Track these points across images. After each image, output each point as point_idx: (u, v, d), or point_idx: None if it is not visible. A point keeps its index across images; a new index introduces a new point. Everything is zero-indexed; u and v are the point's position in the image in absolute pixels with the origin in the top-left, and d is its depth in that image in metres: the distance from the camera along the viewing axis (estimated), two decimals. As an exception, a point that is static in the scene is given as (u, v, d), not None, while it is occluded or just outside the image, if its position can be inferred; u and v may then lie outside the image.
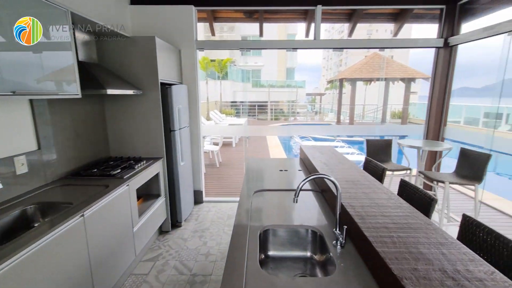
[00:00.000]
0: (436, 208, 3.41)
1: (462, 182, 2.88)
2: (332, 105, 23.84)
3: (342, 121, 15.50)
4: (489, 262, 1.20)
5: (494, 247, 1.22)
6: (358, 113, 18.59)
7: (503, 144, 3.49)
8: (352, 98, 12.58)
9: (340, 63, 54.84)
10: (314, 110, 25.55)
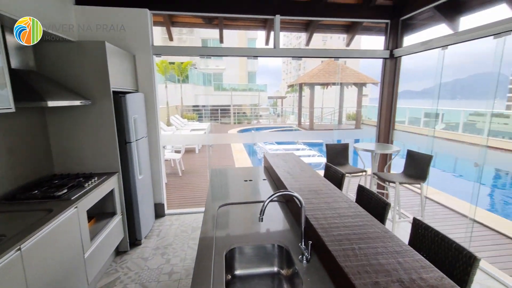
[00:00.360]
0: (395, 207, 3.70)
1: (410, 182, 3.16)
2: (293, 108, 24.69)
3: (303, 123, 16.11)
4: (438, 262, 1.32)
5: (441, 248, 1.34)
6: (317, 116, 19.49)
7: (441, 144, 3.93)
8: (311, 101, 13.15)
9: (299, 67, 57.11)
10: (276, 113, 26.19)
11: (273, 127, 16.66)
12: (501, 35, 2.41)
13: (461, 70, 71.11)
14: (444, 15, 3.35)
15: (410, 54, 3.66)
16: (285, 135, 5.78)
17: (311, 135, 6.94)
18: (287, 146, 9.08)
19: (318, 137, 4.66)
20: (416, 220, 1.53)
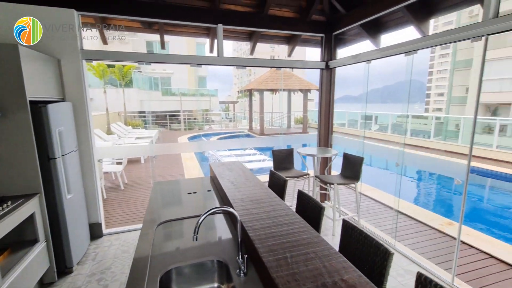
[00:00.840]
0: (330, 204, 3.98)
1: (346, 182, 3.47)
2: (245, 113, 25.03)
3: (254, 128, 16.42)
4: (364, 259, 1.47)
5: (365, 245, 1.50)
6: (267, 120, 20.06)
7: (372, 148, 4.42)
8: (260, 107, 13.50)
9: (250, 73, 58.28)
10: (228, 118, 26.18)
11: (225, 133, 16.59)
12: (410, 53, 2.83)
13: (390, 78, 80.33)
14: (368, 33, 3.78)
15: (343, 66, 4.04)
16: (232, 142, 5.79)
17: (260, 141, 7.08)
18: (239, 151, 9.13)
19: (267, 143, 4.79)
20: (344, 221, 1.68)
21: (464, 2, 2.64)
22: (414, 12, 3.05)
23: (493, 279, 2.59)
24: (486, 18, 2.10)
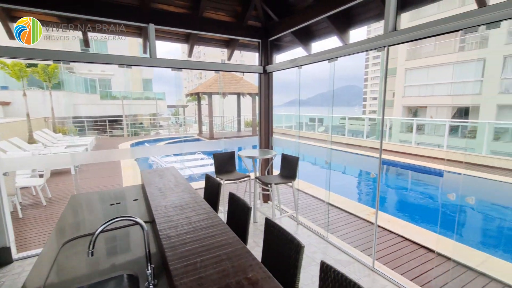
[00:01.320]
0: (271, 204, 4.09)
1: (283, 181, 3.61)
2: (196, 117, 24.39)
3: (204, 132, 16.12)
4: (281, 253, 1.52)
5: (282, 240, 1.56)
6: (218, 124, 19.90)
7: (306, 147, 4.70)
8: (209, 110, 13.32)
9: (200, 76, 57.23)
10: (178, 122, 25.19)
11: (173, 138, 15.91)
12: (332, 60, 3.10)
13: (332, 82, 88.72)
14: (300, 40, 4.03)
15: (279, 70, 4.23)
16: (169, 148, 5.55)
17: (199, 146, 6.96)
18: (186, 156, 8.83)
19: (209, 147, 4.72)
20: (266, 220, 1.73)
21: (373, 17, 2.99)
22: (336, 24, 3.35)
23: (406, 259, 2.96)
24: (386, 31, 2.41)
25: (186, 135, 17.92)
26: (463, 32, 7.73)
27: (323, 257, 2.99)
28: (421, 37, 2.18)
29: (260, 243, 3.28)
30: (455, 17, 1.92)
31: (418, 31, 2.16)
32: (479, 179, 1.94)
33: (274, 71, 4.31)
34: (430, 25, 2.08)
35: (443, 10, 14.60)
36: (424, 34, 2.15)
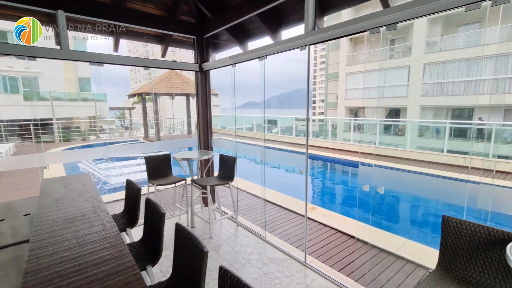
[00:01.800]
0: (212, 207, 3.94)
1: (221, 183, 3.49)
2: (149, 119, 22.82)
3: (152, 135, 15.15)
4: (188, 257, 1.37)
5: (189, 246, 1.42)
6: (167, 126, 18.95)
7: (243, 147, 4.67)
8: (155, 112, 12.55)
9: (149, 76, 53.97)
10: (124, 126, 23.27)
11: (115, 142, 14.61)
12: (262, 58, 3.09)
13: (286, 86, 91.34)
14: (236, 38, 3.97)
15: (216, 68, 4.10)
16: (91, 152, 5.00)
17: (140, 148, 6.47)
18: (125, 162, 8.11)
19: (135, 151, 4.35)
20: (176, 225, 1.57)
21: (300, 19, 3.06)
22: (268, 24, 3.37)
23: (336, 250, 3.09)
24: (307, 31, 2.47)
25: (131, 139, 16.63)
26: (391, 41, 8.62)
27: (259, 257, 2.94)
28: (337, 36, 2.27)
29: (194, 250, 3.09)
30: (364, 17, 2.04)
31: (334, 30, 2.25)
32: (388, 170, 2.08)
33: (210, 69, 4.16)
34: (344, 24, 2.18)
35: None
36: (339, 34, 2.24)
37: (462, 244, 1.53)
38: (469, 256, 1.50)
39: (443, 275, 1.54)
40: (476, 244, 1.48)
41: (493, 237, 1.43)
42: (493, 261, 1.41)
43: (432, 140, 13.63)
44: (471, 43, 14.26)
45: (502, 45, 12.56)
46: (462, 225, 1.54)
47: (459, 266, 1.52)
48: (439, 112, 15.54)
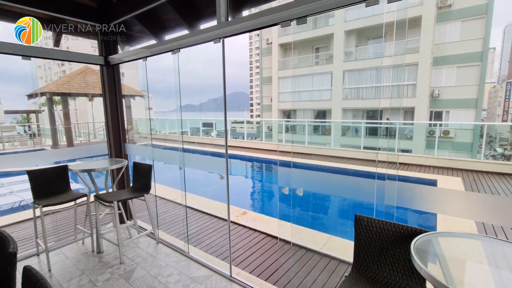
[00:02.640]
0: (127, 224, 3.35)
1: (133, 196, 2.97)
2: (58, 124, 19.38)
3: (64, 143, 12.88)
4: None
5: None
6: (86, 132, 16.53)
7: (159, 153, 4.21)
8: (66, 114, 10.68)
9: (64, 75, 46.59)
10: (29, 132, 19.25)
11: (11, 153, 11.87)
12: (175, 51, 2.74)
13: (226, 88, 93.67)
14: (152, 32, 3.51)
15: (125, 62, 3.53)
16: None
17: (34, 158, 5.26)
18: (16, 177, 6.56)
19: (19, 163, 3.45)
20: (25, 269, 1.11)
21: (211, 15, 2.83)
22: (183, 16, 3.04)
23: (264, 257, 2.93)
24: (219, 22, 2.24)
25: (35, 148, 13.81)
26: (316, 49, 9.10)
27: (178, 278, 2.56)
28: (251, 28, 2.10)
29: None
30: (275, 9, 1.91)
31: (247, 22, 2.07)
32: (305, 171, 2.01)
33: (119, 63, 3.57)
34: (255, 16, 2.01)
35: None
36: (253, 26, 2.08)
37: (373, 243, 1.50)
38: (380, 255, 1.47)
39: (358, 278, 1.47)
40: (385, 241, 1.46)
41: (400, 233, 1.42)
42: (401, 258, 1.41)
43: (352, 138, 15.29)
44: (378, 54, 16.60)
45: (399, 57, 14.98)
46: (373, 223, 1.51)
47: (371, 266, 1.49)
48: (357, 113, 17.61)
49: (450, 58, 14.08)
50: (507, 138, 22.88)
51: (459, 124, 13.80)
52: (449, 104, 14.48)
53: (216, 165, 2.64)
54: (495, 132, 23.53)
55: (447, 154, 11.65)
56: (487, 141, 15.40)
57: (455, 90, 14.13)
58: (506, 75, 73.46)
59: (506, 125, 22.16)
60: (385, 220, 1.48)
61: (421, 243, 1.22)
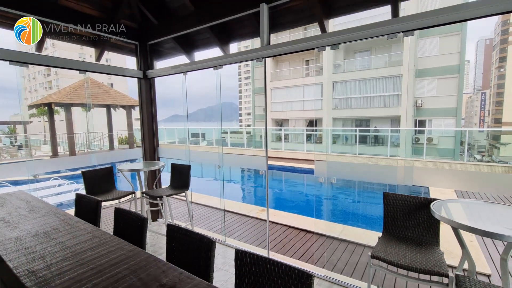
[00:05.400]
0: (163, 221, 3.73)
1: (176, 192, 3.38)
2: (45, 135, 19.13)
3: (62, 153, 12.90)
4: (190, 253, 1.40)
5: (190, 243, 1.44)
6: (81, 143, 16.50)
7: (197, 154, 4.65)
8: (69, 125, 10.82)
9: (50, 85, 45.80)
10: (16, 144, 18.87)
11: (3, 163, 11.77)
12: (217, 67, 3.25)
13: (214, 99, 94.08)
14: (183, 48, 3.99)
15: (161, 76, 3.99)
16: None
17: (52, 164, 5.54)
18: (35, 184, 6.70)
19: (65, 165, 3.81)
20: (168, 225, 1.56)
21: (248, 34, 3.39)
22: (218, 35, 3.55)
23: (292, 243, 3.40)
24: (263, 45, 2.78)
25: (29, 159, 13.66)
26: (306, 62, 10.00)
27: (223, 260, 2.98)
28: (290, 51, 2.65)
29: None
30: (311, 38, 2.47)
31: (287, 46, 2.62)
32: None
33: (156, 77, 4.03)
34: (294, 42, 2.57)
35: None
36: (291, 49, 2.63)
37: (398, 211, 2.03)
38: (404, 220, 2.00)
39: (388, 237, 1.99)
40: (408, 210, 1.99)
41: (419, 203, 1.96)
42: (420, 220, 1.94)
43: (343, 146, 16.10)
44: (365, 67, 17.73)
45: (384, 70, 16.12)
46: (398, 198, 2.04)
47: (398, 228, 2.01)
48: (346, 122, 18.53)
49: (431, 71, 15.32)
50: (484, 145, 24.46)
51: (441, 131, 14.91)
52: (432, 113, 15.62)
53: (254, 163, 3.11)
54: (473, 139, 25.09)
55: (432, 159, 12.57)
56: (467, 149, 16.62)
57: (437, 100, 15.30)
58: (480, 86, 78.36)
59: (483, 133, 23.83)
60: (405, 194, 2.02)
61: (436, 206, 1.75)
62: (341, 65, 18.32)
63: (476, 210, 1.76)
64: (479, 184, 2.08)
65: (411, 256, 1.71)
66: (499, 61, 46.89)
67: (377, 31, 2.15)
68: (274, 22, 2.96)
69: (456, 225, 1.48)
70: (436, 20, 1.93)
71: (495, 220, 1.60)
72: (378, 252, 1.76)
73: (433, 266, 1.58)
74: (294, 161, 10.73)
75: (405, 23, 2.04)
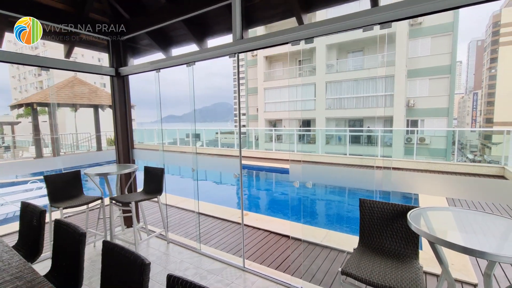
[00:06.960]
0: (136, 227, 3.50)
1: (147, 198, 3.16)
2: (43, 135, 18.65)
3: (47, 155, 12.56)
4: (124, 273, 1.18)
5: (125, 263, 1.23)
6: (68, 144, 16.10)
7: (171, 156, 4.43)
8: (53, 125, 10.49)
9: (41, 85, 45.00)
10: (3, 145, 18.37)
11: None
12: (190, 64, 3.04)
13: (208, 100, 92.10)
14: (159, 44, 3.78)
15: (136, 74, 3.77)
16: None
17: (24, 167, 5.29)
18: (6, 188, 6.43)
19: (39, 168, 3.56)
20: (104, 242, 1.35)
21: (225, 30, 3.18)
22: (194, 31, 3.35)
23: (271, 250, 3.20)
24: (235, 40, 2.58)
25: (16, 161, 13.26)
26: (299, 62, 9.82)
27: (195, 271, 2.77)
28: (264, 46, 2.46)
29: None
30: (285, 30, 2.28)
31: (260, 40, 2.43)
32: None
33: (129, 74, 3.81)
34: (268, 36, 2.38)
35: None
36: (265, 44, 2.44)
37: (375, 220, 1.85)
38: (381, 230, 1.82)
39: (363, 249, 1.80)
40: (385, 218, 1.81)
41: (397, 211, 1.78)
42: (398, 230, 1.76)
43: (336, 146, 15.98)
44: (358, 67, 17.65)
45: (377, 70, 16.05)
46: (374, 205, 1.86)
47: (375, 239, 1.82)
48: (339, 122, 18.45)
49: (422, 71, 15.30)
50: (476, 145, 24.60)
51: (434, 131, 14.88)
52: (424, 113, 15.61)
53: (226, 167, 2.91)
54: (465, 139, 25.22)
55: (424, 159, 12.51)
56: (459, 148, 16.59)
57: (429, 100, 15.29)
58: (472, 86, 79.35)
59: (475, 133, 23.98)
60: (384, 201, 1.84)
61: (414, 215, 1.57)
62: (334, 65, 18.24)
63: (460, 220, 1.59)
64: (467, 190, 1.89)
65: (386, 272, 1.53)
66: (490, 62, 47.51)
67: (355, 22, 1.97)
68: (250, 17, 2.77)
69: (432, 239, 1.30)
70: (418, 9, 1.75)
71: (481, 232, 1.42)
72: (350, 267, 1.57)
73: (409, 284, 1.40)
74: (284, 162, 10.55)
75: (384, 13, 1.86)
